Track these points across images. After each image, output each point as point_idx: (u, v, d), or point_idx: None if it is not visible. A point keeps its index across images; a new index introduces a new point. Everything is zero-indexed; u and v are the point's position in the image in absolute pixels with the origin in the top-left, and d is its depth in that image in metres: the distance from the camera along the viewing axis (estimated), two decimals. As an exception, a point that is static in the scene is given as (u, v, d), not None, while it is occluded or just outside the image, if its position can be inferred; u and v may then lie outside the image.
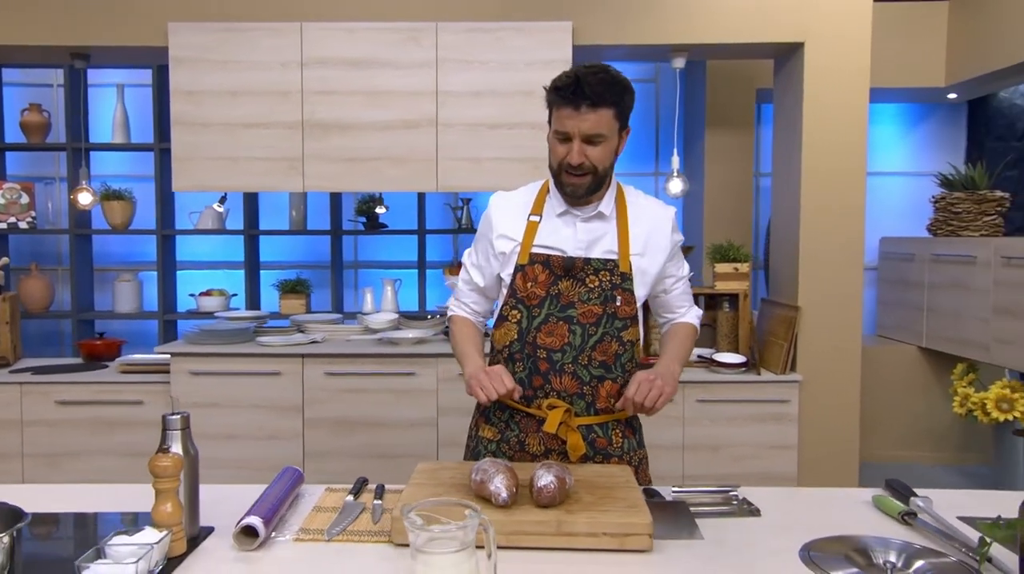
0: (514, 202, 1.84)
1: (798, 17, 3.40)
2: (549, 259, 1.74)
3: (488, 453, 1.81)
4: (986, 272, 4.01)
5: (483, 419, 1.86)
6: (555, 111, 1.69)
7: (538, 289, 1.74)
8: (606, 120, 1.66)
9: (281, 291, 4.28)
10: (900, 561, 1.30)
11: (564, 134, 1.67)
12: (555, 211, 1.78)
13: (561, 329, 1.73)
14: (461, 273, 1.93)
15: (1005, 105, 4.82)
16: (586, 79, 1.62)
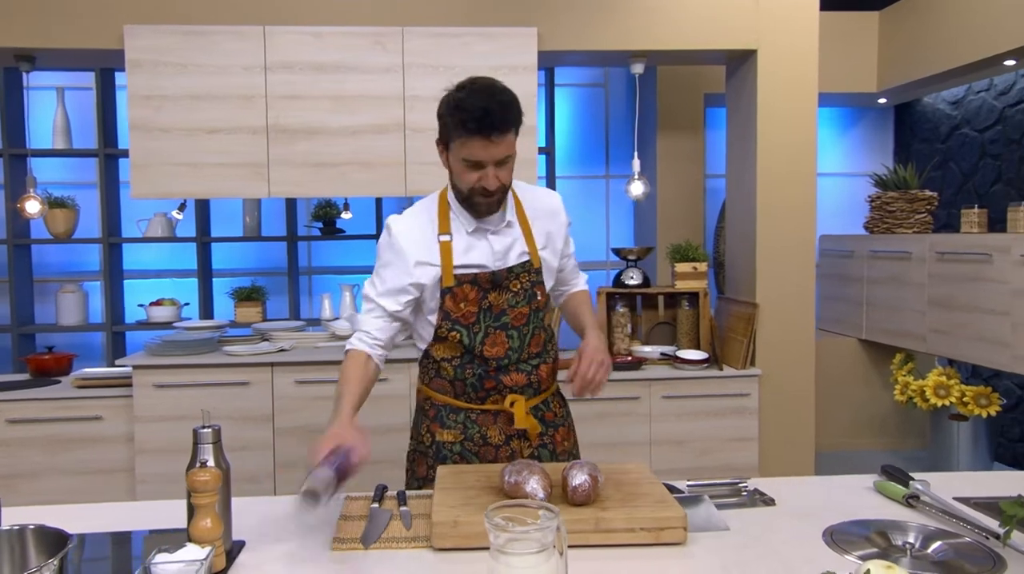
0: (418, 225, 1.81)
1: (751, 25, 3.54)
2: (476, 277, 1.78)
3: (454, 454, 1.84)
4: (921, 267, 4.25)
5: (437, 424, 1.87)
6: (461, 140, 1.67)
7: (470, 306, 1.79)
8: (512, 141, 1.70)
9: (236, 299, 4.19)
10: (918, 542, 1.39)
11: (476, 162, 1.68)
12: (466, 229, 1.79)
13: (500, 338, 1.80)
14: (364, 305, 1.84)
15: (929, 110, 5.12)
16: (493, 110, 1.64)
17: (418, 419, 1.95)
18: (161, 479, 3.27)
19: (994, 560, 1.31)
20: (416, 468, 1.93)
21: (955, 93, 4.88)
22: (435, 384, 1.89)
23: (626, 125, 4.93)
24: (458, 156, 1.71)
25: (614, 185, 4.97)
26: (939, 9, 4.29)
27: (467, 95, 1.67)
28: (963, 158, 4.83)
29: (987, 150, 4.65)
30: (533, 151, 3.47)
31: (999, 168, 4.55)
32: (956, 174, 4.88)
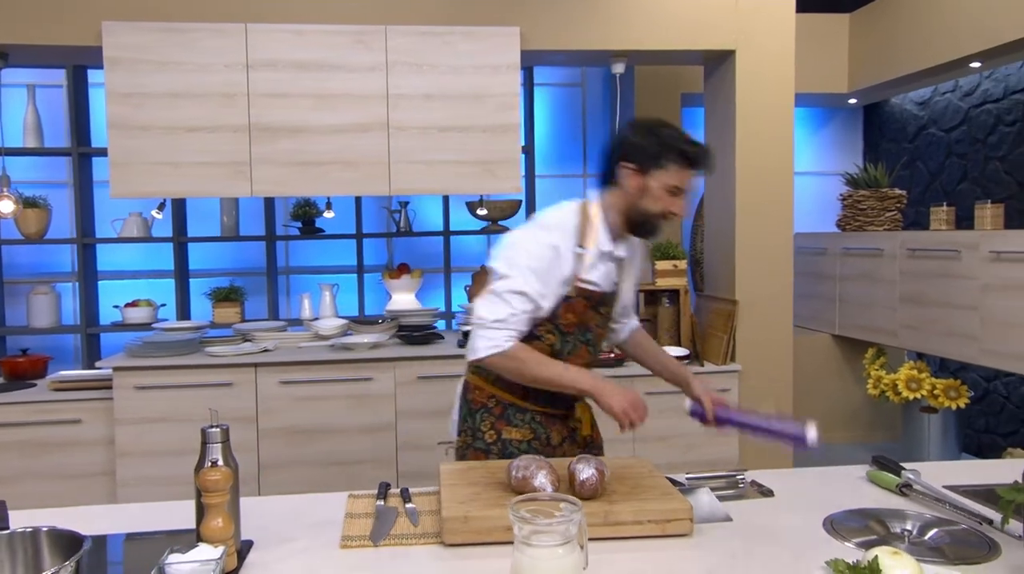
0: (569, 234, 1.87)
1: (730, 26, 3.60)
2: (591, 294, 1.89)
3: (520, 452, 1.90)
4: (892, 264, 4.36)
5: (504, 422, 1.93)
6: (676, 170, 1.83)
7: (574, 318, 1.90)
8: None
9: (215, 300, 4.15)
10: (915, 529, 1.44)
11: (680, 190, 1.84)
12: (600, 248, 1.89)
13: (583, 352, 1.94)
14: (517, 304, 1.81)
15: (897, 110, 5.24)
16: (710, 152, 1.89)
17: (475, 416, 1.96)
18: (143, 482, 3.22)
19: (989, 545, 1.36)
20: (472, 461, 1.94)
21: (922, 94, 5.00)
22: (502, 382, 1.92)
23: (603, 124, 4.97)
24: (663, 183, 1.83)
25: (592, 184, 5.00)
26: (908, 12, 4.39)
27: (682, 136, 1.85)
28: (930, 157, 4.95)
29: (953, 149, 4.77)
30: (516, 150, 3.48)
31: (965, 167, 4.68)
32: (924, 173, 5.00)
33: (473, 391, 1.99)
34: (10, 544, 1.13)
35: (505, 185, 3.45)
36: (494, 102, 3.41)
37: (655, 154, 1.82)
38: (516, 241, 1.87)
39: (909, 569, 1.14)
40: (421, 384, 3.37)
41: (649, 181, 1.83)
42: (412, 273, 4.27)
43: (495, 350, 1.80)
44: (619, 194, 1.87)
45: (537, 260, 1.83)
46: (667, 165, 1.82)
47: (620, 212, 1.88)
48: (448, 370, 3.36)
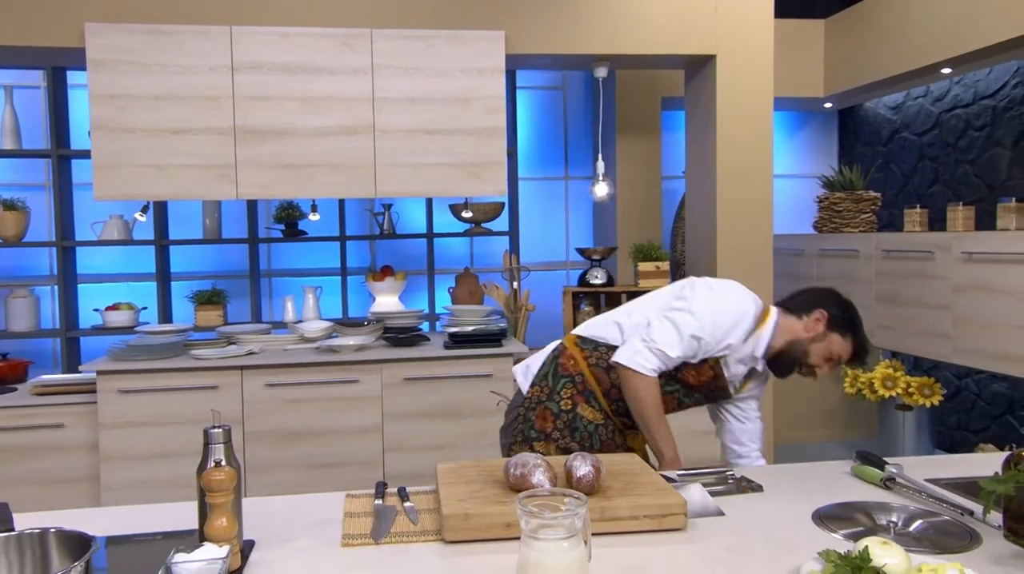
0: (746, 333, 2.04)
1: (711, 31, 3.66)
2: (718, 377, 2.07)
3: (587, 431, 2.08)
4: (868, 264, 4.45)
5: (582, 398, 2.09)
6: (846, 344, 2.04)
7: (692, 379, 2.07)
8: None
9: (197, 303, 4.13)
10: (900, 521, 1.49)
11: (836, 362, 2.06)
12: (752, 353, 2.05)
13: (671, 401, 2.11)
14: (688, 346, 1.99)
15: (871, 114, 5.35)
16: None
17: (559, 380, 2.11)
18: (128, 486, 3.20)
19: (970, 535, 1.41)
20: (537, 420, 2.09)
21: (895, 99, 5.11)
22: (599, 374, 2.08)
23: (584, 127, 5.02)
24: (833, 347, 2.04)
25: (573, 186, 5.05)
26: (881, 19, 4.49)
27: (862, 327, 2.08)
28: (903, 160, 5.06)
29: (925, 153, 4.88)
30: (501, 153, 3.51)
31: (936, 170, 4.79)
32: (897, 176, 5.11)
33: (567, 358, 2.12)
34: (18, 545, 1.14)
35: (490, 188, 3.48)
36: (480, 105, 3.44)
37: (847, 324, 2.04)
38: (722, 292, 2.04)
39: (898, 558, 1.18)
40: (408, 386, 3.38)
41: (829, 336, 2.02)
42: (396, 275, 4.29)
43: (638, 367, 1.98)
44: (797, 325, 2.04)
45: (726, 319, 1.99)
46: (847, 338, 2.03)
47: (785, 339, 2.04)
48: (435, 372, 3.38)
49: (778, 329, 2.05)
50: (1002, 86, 4.32)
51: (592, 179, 3.83)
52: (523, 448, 2.09)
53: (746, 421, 2.22)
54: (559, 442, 2.07)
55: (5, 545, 1.13)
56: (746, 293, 2.08)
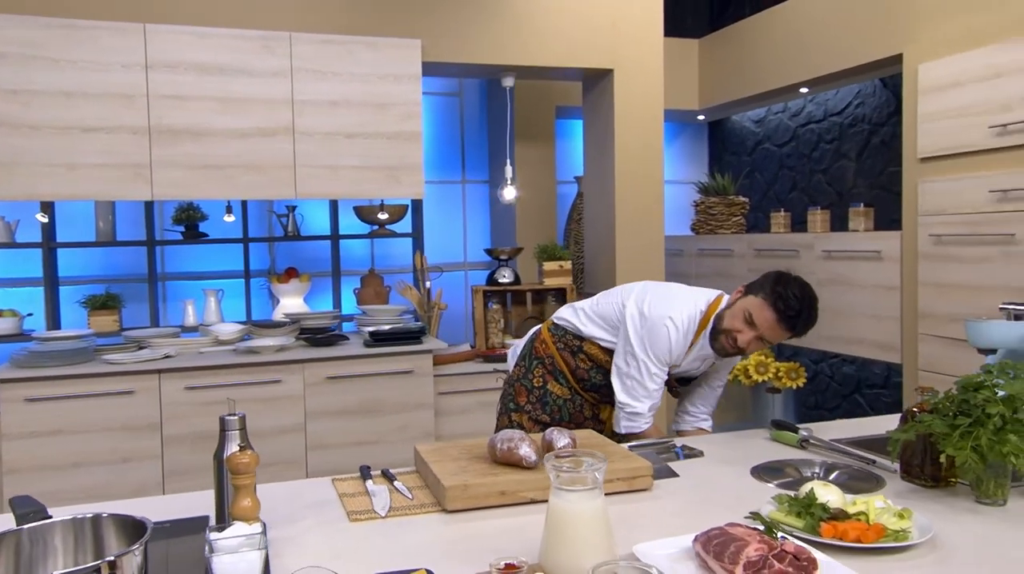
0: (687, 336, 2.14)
1: (609, 47, 3.96)
2: (669, 381, 2.26)
3: (557, 405, 2.31)
4: (742, 262, 4.92)
5: (551, 376, 2.32)
6: (767, 311, 1.99)
7: None
8: (781, 337, 2.07)
9: (90, 308, 3.97)
10: (822, 472, 1.78)
11: (756, 330, 2.02)
12: (699, 350, 2.16)
13: None
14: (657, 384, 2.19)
15: (737, 127, 5.89)
16: (804, 317, 2.01)
17: (533, 361, 2.36)
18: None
19: (876, 480, 1.72)
20: (516, 395, 2.33)
21: (758, 113, 5.65)
22: (566, 357, 2.27)
23: (479, 133, 5.21)
24: (750, 314, 2.01)
25: (470, 190, 5.24)
26: (749, 41, 4.98)
27: (801, 294, 2.00)
28: (765, 169, 5.61)
29: (784, 163, 5.44)
30: (419, 157, 3.65)
31: (794, 178, 5.35)
32: (760, 183, 5.65)
33: (540, 342, 2.34)
34: (73, 529, 1.19)
35: (409, 191, 3.60)
36: (397, 111, 3.56)
37: (759, 285, 2.04)
38: (652, 328, 2.11)
39: (835, 495, 1.46)
40: (330, 385, 3.45)
41: (743, 299, 2.06)
42: (300, 277, 4.31)
43: (635, 430, 2.22)
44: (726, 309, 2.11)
45: (659, 351, 2.13)
46: (766, 306, 1.99)
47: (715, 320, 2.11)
48: (357, 370, 3.46)
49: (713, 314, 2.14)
50: (847, 105, 4.91)
51: (501, 183, 4.03)
52: (506, 416, 2.34)
53: (708, 387, 2.42)
54: (531, 414, 2.32)
55: (63, 529, 1.18)
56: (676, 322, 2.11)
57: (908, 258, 3.73)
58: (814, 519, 1.38)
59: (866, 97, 4.75)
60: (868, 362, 4.75)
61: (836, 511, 1.39)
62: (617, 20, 3.96)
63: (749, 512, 1.39)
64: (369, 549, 1.42)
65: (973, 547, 1.34)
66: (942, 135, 3.50)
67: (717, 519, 1.51)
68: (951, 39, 3.49)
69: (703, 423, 2.44)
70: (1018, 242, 3.17)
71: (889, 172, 4.58)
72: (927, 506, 1.52)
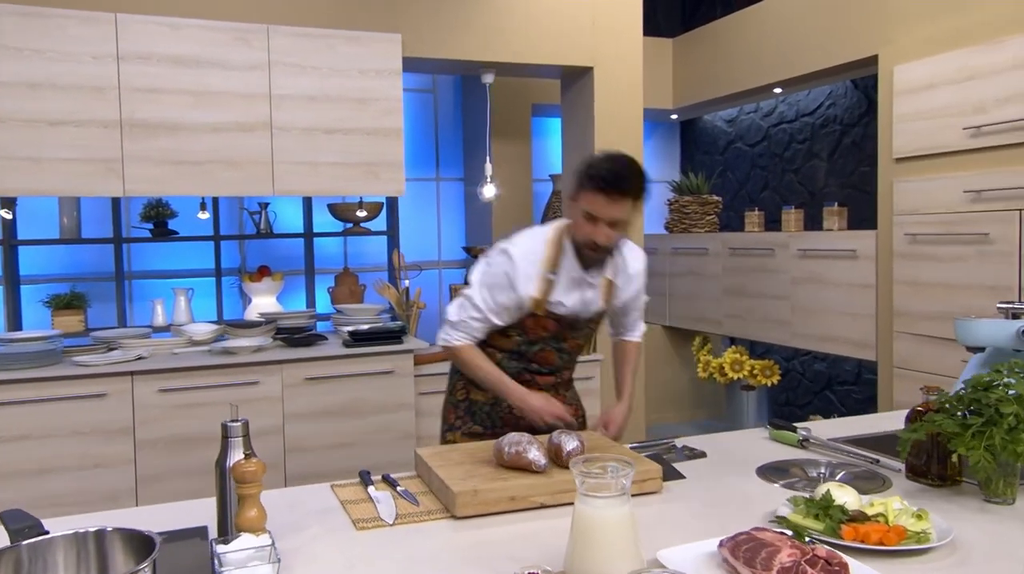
0: (534, 260, 1.99)
1: (589, 44, 3.94)
2: (560, 318, 2.05)
3: (483, 411, 2.15)
4: (716, 261, 4.95)
5: (472, 386, 2.16)
6: (589, 195, 1.88)
7: (544, 333, 2.08)
8: (628, 209, 1.90)
9: (54, 307, 3.82)
10: (827, 472, 1.78)
11: (594, 217, 1.89)
12: (570, 274, 2.01)
13: (552, 355, 2.13)
14: (471, 311, 2.03)
15: (709, 126, 5.93)
16: (623, 175, 1.87)
17: (452, 376, 2.25)
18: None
19: (883, 479, 1.72)
20: (446, 415, 2.22)
21: (730, 113, 5.70)
22: None
23: (454, 131, 5.16)
24: (582, 208, 1.90)
25: (444, 187, 5.18)
26: (723, 42, 5.01)
27: (605, 158, 1.91)
28: (737, 168, 5.65)
29: (756, 162, 5.49)
30: (399, 153, 3.58)
31: (766, 177, 5.41)
32: (732, 182, 5.70)
33: None
34: (76, 544, 1.12)
35: (389, 187, 3.54)
36: (377, 106, 3.49)
37: (577, 181, 1.92)
38: (489, 257, 2.05)
39: (851, 497, 1.45)
40: (308, 386, 3.37)
41: (574, 210, 1.93)
42: (273, 275, 4.21)
43: (445, 344, 2.08)
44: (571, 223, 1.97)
45: (491, 281, 2.01)
46: (583, 192, 1.89)
47: (572, 240, 1.98)
48: (336, 370, 3.39)
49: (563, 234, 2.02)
50: (819, 106, 4.97)
51: (480, 180, 3.99)
52: (442, 438, 2.21)
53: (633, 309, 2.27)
54: (463, 429, 2.16)
55: (65, 545, 1.11)
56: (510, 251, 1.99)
57: (883, 257, 3.79)
58: (833, 521, 1.37)
59: (838, 98, 4.82)
60: (839, 359, 4.82)
61: (855, 513, 1.39)
62: (597, 17, 3.95)
63: (775, 516, 1.37)
64: (382, 559, 1.37)
65: (991, 547, 1.35)
66: (917, 136, 3.55)
67: (732, 521, 1.49)
68: (926, 41, 3.55)
69: (638, 329, 2.33)
70: (992, 241, 3.24)
71: (860, 172, 4.65)
72: (937, 506, 1.53)
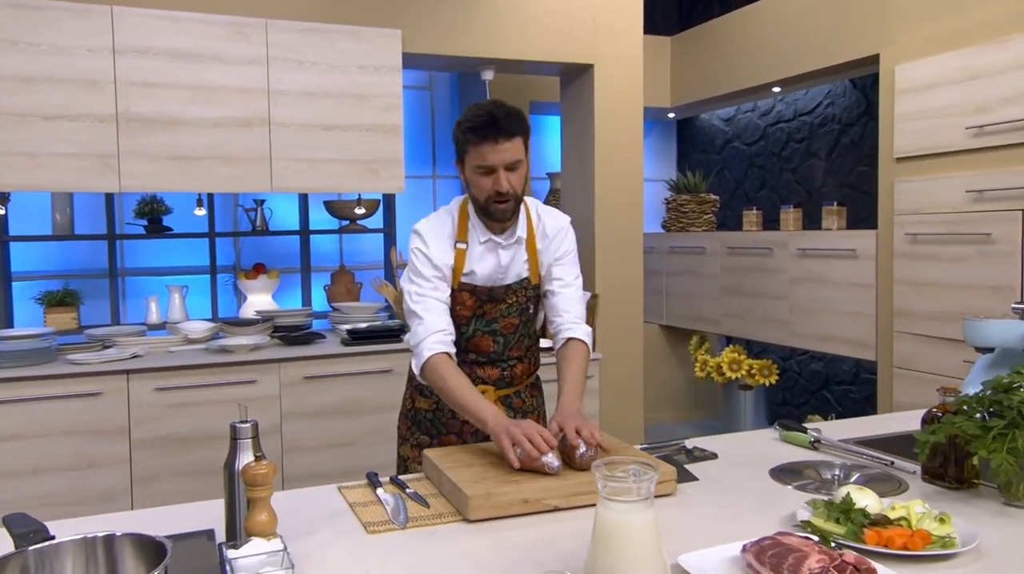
0: (443, 234, 1.95)
1: (589, 41, 3.91)
2: (476, 289, 1.96)
3: (427, 419, 2.07)
4: (715, 260, 4.94)
5: (417, 392, 2.09)
6: (472, 149, 1.83)
7: (465, 311, 1.98)
8: (519, 147, 1.84)
9: (47, 304, 3.77)
10: (842, 474, 1.76)
11: (487, 167, 1.82)
12: (479, 239, 1.94)
13: (486, 340, 2.01)
14: (414, 307, 1.91)
15: (706, 125, 5.91)
16: (496, 115, 1.79)
17: (407, 385, 2.16)
18: (-6, 508, 2.89)
19: (899, 482, 1.70)
20: (400, 428, 2.16)
21: (727, 112, 5.68)
22: None
23: (451, 128, 5.12)
24: (472, 165, 1.85)
25: (440, 185, 5.14)
26: (722, 40, 4.99)
27: (473, 107, 1.86)
28: (735, 167, 5.64)
29: (754, 161, 5.48)
30: (399, 150, 3.54)
31: (764, 176, 5.40)
32: (729, 181, 5.69)
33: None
34: (84, 550, 1.09)
35: (388, 185, 3.50)
36: (377, 102, 3.45)
37: (457, 144, 1.88)
38: (408, 248, 2.00)
39: (872, 500, 1.43)
40: (307, 384, 3.33)
41: (466, 170, 1.88)
42: (269, 273, 4.17)
43: (418, 364, 1.90)
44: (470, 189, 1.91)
45: (412, 267, 1.94)
46: (468, 148, 1.83)
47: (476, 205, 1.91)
48: (334, 369, 3.35)
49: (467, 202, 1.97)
50: (817, 105, 4.96)
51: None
52: (398, 455, 2.12)
53: (561, 290, 2.02)
54: (411, 440, 2.08)
55: (74, 550, 1.08)
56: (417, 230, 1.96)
57: (884, 256, 3.78)
58: (855, 525, 1.35)
59: (836, 97, 4.81)
60: (836, 359, 4.81)
61: (877, 517, 1.37)
62: (598, 14, 3.92)
63: (799, 520, 1.35)
64: (396, 563, 1.34)
65: (1017, 552, 1.33)
66: (919, 135, 3.55)
67: (749, 524, 1.47)
68: (928, 41, 3.54)
69: (577, 329, 2.00)
70: (994, 241, 3.23)
71: (859, 171, 4.64)
72: (956, 509, 1.51)
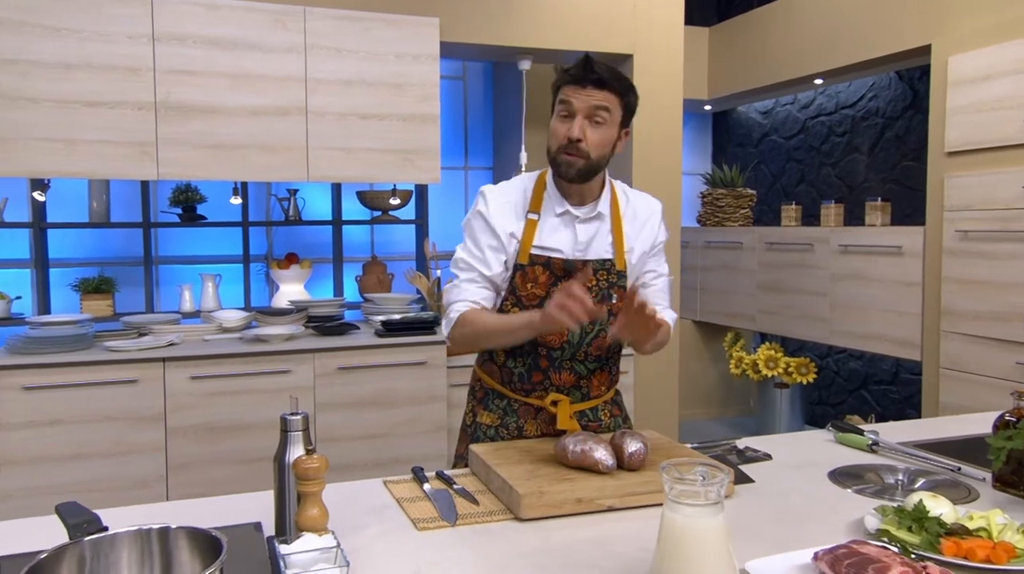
0: (511, 198, 1.83)
1: (629, 31, 3.84)
2: (550, 261, 1.79)
3: (487, 438, 1.87)
4: (752, 255, 4.85)
5: (481, 406, 1.92)
6: (561, 92, 1.72)
7: (538, 290, 1.79)
8: (609, 101, 1.70)
9: (83, 291, 3.78)
10: (905, 479, 1.69)
11: (567, 110, 1.70)
12: (554, 210, 1.80)
13: None
14: (461, 274, 1.82)
15: (743, 118, 5.81)
16: (594, 65, 1.69)
17: (468, 399, 1.98)
18: (32, 493, 2.90)
19: (968, 489, 1.63)
20: (458, 445, 1.96)
21: (765, 104, 5.58)
22: (487, 367, 1.91)
23: (483, 119, 5.07)
24: (556, 112, 1.72)
25: (472, 176, 5.10)
26: (762, 30, 4.89)
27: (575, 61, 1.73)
28: (772, 161, 5.54)
29: (792, 155, 5.37)
30: (436, 140, 3.50)
31: (802, 171, 5.29)
32: (767, 175, 5.59)
33: (472, 374, 2.01)
34: (139, 543, 1.05)
35: (425, 175, 3.46)
36: (414, 92, 3.41)
37: (553, 91, 1.76)
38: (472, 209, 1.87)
39: (947, 508, 1.36)
40: (341, 375, 3.30)
41: (552, 119, 1.76)
42: (301, 263, 4.15)
43: (448, 325, 1.81)
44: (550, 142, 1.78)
45: (471, 229, 1.82)
46: (556, 93, 1.74)
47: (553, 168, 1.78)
48: (368, 360, 3.32)
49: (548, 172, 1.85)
50: (860, 98, 4.85)
51: (512, 170, 3.90)
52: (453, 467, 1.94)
53: (654, 281, 1.95)
54: (466, 458, 1.85)
55: (129, 542, 1.04)
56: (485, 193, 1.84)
57: (932, 254, 3.67)
58: (931, 535, 1.28)
59: (880, 90, 4.69)
60: (876, 358, 4.71)
61: (955, 526, 1.30)
62: (638, 3, 3.84)
63: (875, 528, 1.29)
64: (450, 563, 1.29)
65: (1105, 565, 1.25)
66: (972, 129, 3.44)
67: (814, 530, 1.41)
68: (982, 31, 3.42)
69: (664, 315, 1.90)
70: (1050, 239, 3.12)
71: (903, 166, 4.53)
72: (1033, 518, 1.44)
